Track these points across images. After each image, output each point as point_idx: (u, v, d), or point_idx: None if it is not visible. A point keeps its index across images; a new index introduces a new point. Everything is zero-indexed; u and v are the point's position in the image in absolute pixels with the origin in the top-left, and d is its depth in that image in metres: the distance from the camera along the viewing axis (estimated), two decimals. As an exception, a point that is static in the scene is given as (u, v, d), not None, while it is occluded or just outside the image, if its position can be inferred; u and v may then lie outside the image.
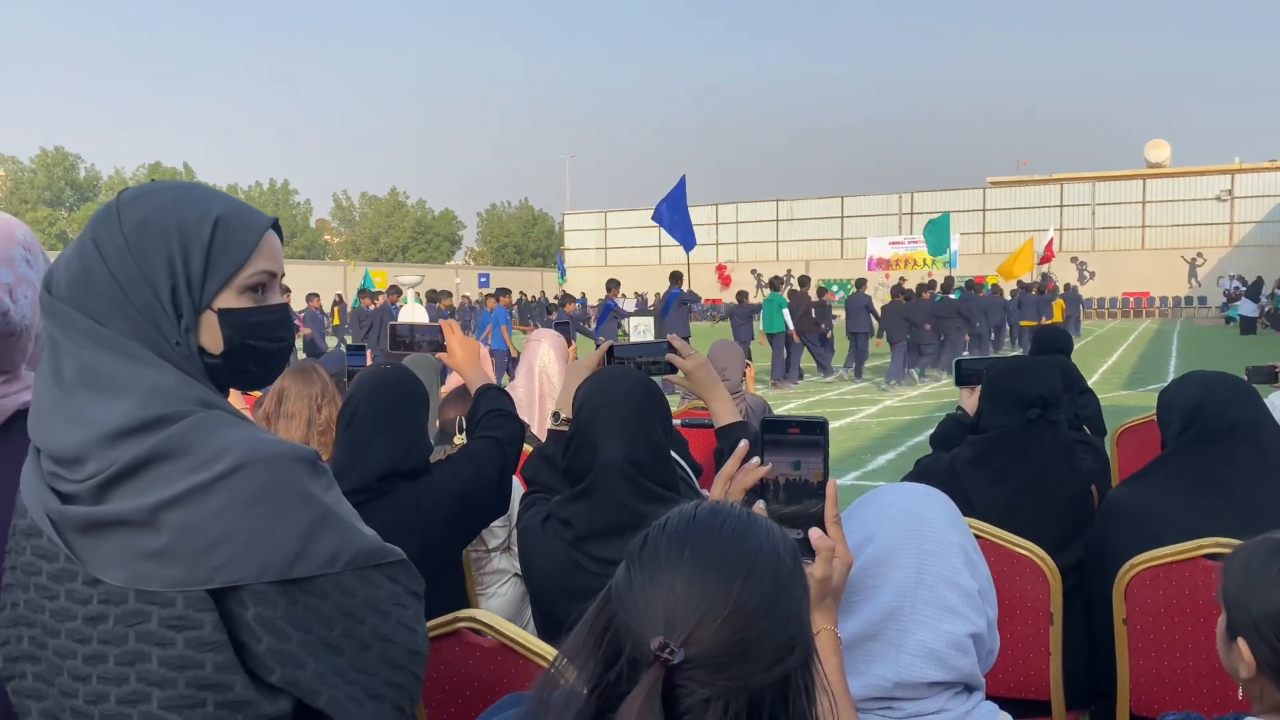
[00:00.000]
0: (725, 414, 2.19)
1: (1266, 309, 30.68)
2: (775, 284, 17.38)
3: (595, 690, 0.89)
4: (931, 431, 3.74)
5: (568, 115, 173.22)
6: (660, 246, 57.63)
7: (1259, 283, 31.45)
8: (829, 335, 18.33)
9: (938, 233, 24.34)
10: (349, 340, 24.09)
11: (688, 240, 16.65)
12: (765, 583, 0.90)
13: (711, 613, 0.87)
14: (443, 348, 2.55)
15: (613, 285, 17.64)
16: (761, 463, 1.29)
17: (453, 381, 4.19)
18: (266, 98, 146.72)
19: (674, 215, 16.84)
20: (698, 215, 56.49)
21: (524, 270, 64.99)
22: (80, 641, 1.09)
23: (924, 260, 43.31)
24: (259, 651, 1.08)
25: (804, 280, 19.31)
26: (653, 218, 16.95)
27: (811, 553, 1.23)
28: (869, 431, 11.35)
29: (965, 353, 18.32)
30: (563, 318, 13.74)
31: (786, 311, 17.06)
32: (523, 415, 3.79)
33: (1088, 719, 2.58)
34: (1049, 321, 22.21)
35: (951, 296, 19.23)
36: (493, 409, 2.36)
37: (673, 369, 2.23)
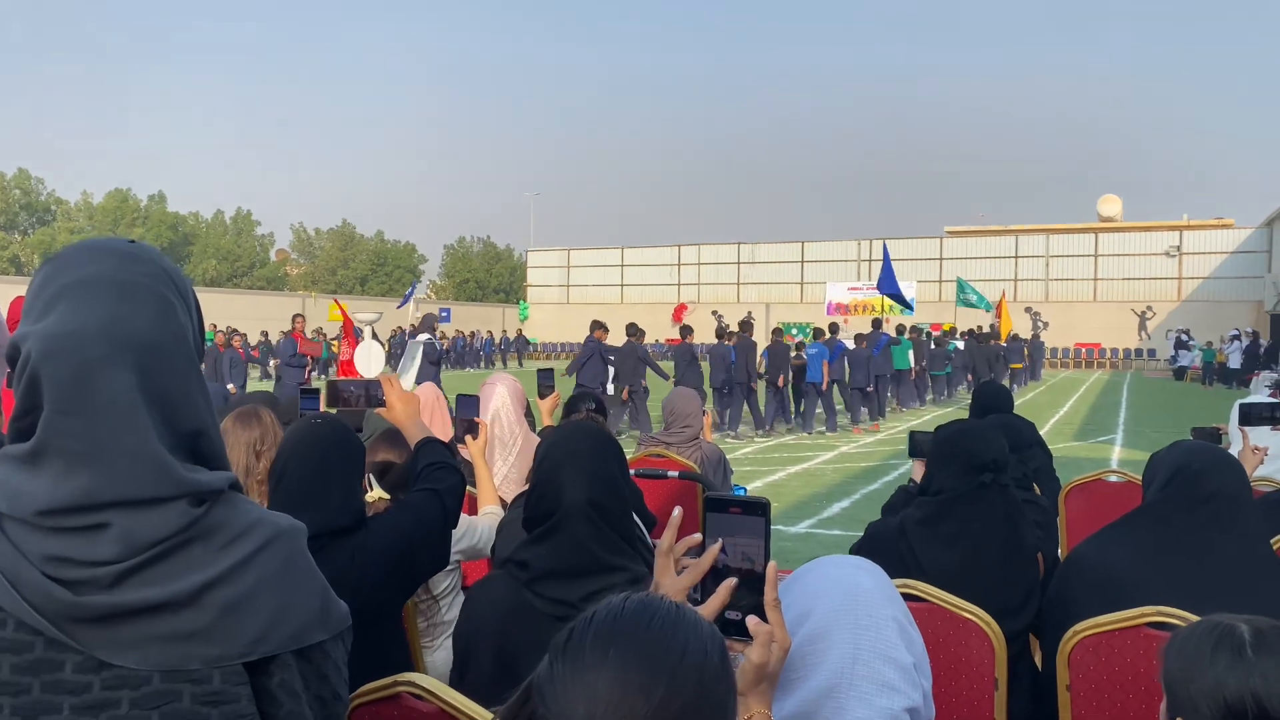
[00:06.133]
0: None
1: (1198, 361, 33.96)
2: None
3: None
4: (885, 479, 3.74)
5: (532, 153, 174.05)
6: (623, 286, 57.79)
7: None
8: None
9: (968, 290, 28.18)
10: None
11: (904, 302, 19.33)
12: (690, 685, 0.89)
13: (634, 715, 0.86)
14: (381, 402, 2.53)
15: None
16: (704, 540, 1.28)
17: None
18: (227, 127, 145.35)
19: (888, 283, 18.99)
20: (659, 256, 57.15)
21: (486, 306, 64.84)
22: None
23: (884, 306, 43.96)
24: (279, 716, 1.13)
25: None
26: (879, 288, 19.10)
27: (748, 635, 1.21)
28: (824, 479, 11.37)
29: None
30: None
31: (911, 353, 19.73)
32: (500, 454, 3.80)
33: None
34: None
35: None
36: (432, 461, 2.34)
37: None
